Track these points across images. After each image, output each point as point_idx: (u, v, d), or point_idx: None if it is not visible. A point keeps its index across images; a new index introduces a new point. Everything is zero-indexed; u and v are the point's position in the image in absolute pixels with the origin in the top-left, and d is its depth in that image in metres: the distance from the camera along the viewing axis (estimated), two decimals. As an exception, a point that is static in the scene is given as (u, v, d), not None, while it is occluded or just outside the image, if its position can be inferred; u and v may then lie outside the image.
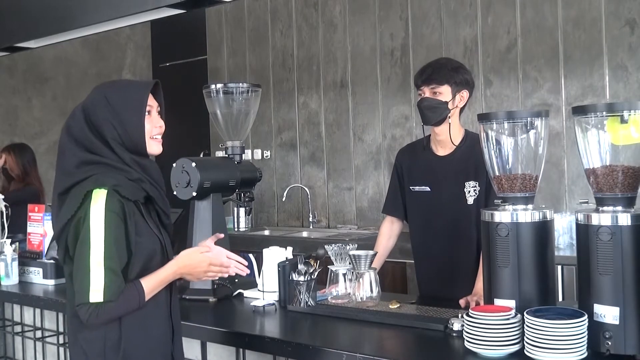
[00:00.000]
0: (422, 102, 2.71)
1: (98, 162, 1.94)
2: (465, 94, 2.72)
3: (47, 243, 3.34)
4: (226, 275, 2.19)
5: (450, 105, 2.69)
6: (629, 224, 1.80)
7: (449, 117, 2.70)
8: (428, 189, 2.80)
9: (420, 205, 2.84)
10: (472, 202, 2.69)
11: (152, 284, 1.95)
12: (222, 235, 2.24)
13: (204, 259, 2.09)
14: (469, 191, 2.70)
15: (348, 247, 2.66)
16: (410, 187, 2.86)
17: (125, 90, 2.02)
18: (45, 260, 3.29)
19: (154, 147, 2.04)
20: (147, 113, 2.00)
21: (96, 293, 1.83)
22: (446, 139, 2.74)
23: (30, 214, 3.46)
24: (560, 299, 3.38)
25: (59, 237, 1.94)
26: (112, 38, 6.47)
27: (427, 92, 2.70)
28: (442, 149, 2.79)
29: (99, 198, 1.87)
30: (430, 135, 2.83)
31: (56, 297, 3.03)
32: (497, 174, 2.10)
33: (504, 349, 1.87)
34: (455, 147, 2.75)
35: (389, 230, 2.99)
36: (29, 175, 5.20)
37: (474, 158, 2.63)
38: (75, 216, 1.89)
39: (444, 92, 2.68)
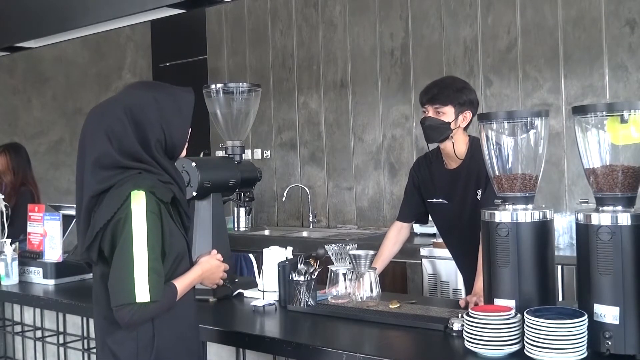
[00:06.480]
0: (425, 122, 2.77)
1: (134, 167, 1.94)
2: (468, 114, 2.76)
3: (47, 243, 3.33)
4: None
5: (452, 126, 2.73)
6: (629, 223, 1.80)
7: (452, 136, 2.75)
8: (445, 201, 2.87)
9: (439, 215, 2.94)
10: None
11: (182, 286, 1.99)
12: (214, 251, 2.25)
13: (221, 265, 2.21)
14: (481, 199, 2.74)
15: (348, 247, 2.66)
16: (428, 200, 2.93)
17: (174, 95, 2.05)
18: (45, 260, 3.29)
19: (184, 151, 2.11)
20: None
21: (143, 293, 1.83)
22: (452, 153, 2.79)
23: (30, 213, 3.45)
24: (560, 299, 3.38)
25: (94, 238, 1.91)
26: (112, 38, 6.46)
27: (430, 111, 2.75)
28: (452, 163, 2.84)
29: (139, 199, 1.88)
30: (439, 147, 2.87)
31: (56, 297, 3.03)
32: (497, 174, 2.10)
33: (504, 349, 1.87)
34: (461, 160, 2.81)
35: (396, 236, 3.05)
36: (25, 177, 4.89)
37: (476, 168, 2.71)
38: (115, 217, 1.88)
39: (447, 113, 2.73)
